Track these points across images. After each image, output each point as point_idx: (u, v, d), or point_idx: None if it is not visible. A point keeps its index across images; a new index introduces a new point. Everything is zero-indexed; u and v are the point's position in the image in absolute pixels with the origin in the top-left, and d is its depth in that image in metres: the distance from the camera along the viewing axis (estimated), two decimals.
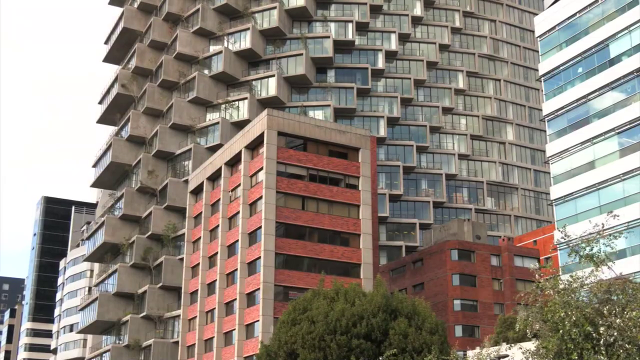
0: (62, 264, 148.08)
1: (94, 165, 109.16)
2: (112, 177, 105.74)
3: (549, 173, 64.55)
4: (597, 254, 24.65)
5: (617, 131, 54.82)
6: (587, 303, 24.40)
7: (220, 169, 78.45)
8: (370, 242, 71.22)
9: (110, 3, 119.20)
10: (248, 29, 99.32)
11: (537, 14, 78.90)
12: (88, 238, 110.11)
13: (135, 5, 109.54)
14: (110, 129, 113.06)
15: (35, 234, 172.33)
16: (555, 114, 60.97)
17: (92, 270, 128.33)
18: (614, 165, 54.50)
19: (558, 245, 26.20)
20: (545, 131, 67.94)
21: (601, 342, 23.44)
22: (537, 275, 25.62)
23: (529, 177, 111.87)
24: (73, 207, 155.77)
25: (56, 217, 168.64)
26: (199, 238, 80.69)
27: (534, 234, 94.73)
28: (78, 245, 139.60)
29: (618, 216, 28.41)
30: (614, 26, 56.27)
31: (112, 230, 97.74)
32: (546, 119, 62.29)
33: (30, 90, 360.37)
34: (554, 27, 62.50)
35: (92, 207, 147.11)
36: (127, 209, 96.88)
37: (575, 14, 60.38)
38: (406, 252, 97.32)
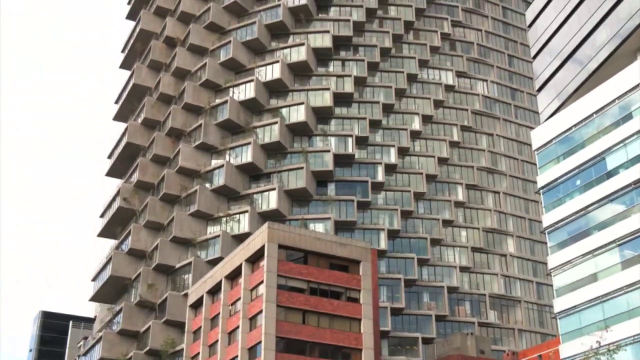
0: None
1: (94, 279, 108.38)
2: (111, 290, 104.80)
3: (552, 285, 64.03)
4: None
5: (618, 243, 54.81)
6: None
7: (220, 282, 77.95)
8: (373, 357, 69.94)
9: (114, 119, 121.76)
10: (249, 143, 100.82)
11: (533, 128, 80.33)
12: (85, 354, 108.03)
13: (139, 121, 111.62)
14: (111, 242, 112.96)
15: (31, 350, 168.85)
16: (556, 226, 61.13)
17: None
18: (617, 278, 54.15)
19: None
20: (546, 243, 67.87)
21: None
22: None
23: (531, 290, 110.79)
24: (71, 322, 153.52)
25: (53, 332, 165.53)
26: (198, 353, 79.24)
27: (538, 348, 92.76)
28: None
29: (612, 330, 28.17)
30: (610, 139, 57.18)
31: (109, 346, 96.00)
32: (546, 231, 62.40)
33: (31, 203, 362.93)
34: (550, 141, 63.49)
35: (90, 321, 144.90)
36: (125, 324, 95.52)
37: (571, 128, 61.46)
38: None
